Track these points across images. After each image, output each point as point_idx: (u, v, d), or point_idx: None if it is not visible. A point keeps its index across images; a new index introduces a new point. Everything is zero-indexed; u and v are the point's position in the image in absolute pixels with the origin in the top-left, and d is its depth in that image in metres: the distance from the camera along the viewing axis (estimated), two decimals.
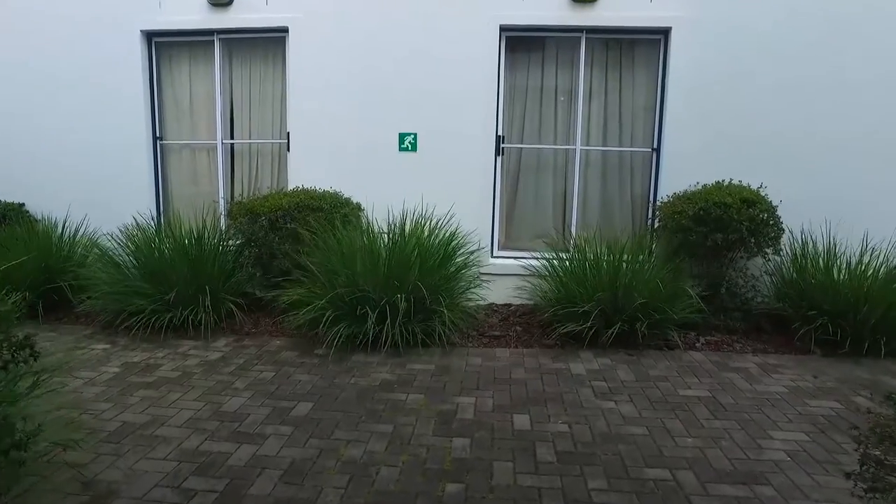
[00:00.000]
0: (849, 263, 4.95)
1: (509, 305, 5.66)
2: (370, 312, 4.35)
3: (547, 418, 3.42)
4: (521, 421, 3.38)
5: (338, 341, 4.35)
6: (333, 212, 5.31)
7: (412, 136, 5.80)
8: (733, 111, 5.51)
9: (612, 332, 4.47)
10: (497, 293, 5.74)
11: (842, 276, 4.89)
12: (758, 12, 5.38)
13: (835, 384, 4.11)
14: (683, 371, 4.23)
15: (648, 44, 5.68)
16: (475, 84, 5.61)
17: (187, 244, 5.11)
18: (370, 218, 5.64)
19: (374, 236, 4.95)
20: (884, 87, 5.42)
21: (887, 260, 4.92)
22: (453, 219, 5.56)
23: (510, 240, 6.08)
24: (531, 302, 5.44)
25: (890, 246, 5.30)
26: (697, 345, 4.79)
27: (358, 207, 5.77)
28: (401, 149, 5.82)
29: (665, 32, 5.54)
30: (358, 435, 3.18)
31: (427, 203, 5.71)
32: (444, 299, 4.56)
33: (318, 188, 5.70)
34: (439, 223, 5.35)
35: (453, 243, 5.12)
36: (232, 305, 5.02)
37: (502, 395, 3.76)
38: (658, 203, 5.52)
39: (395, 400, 3.64)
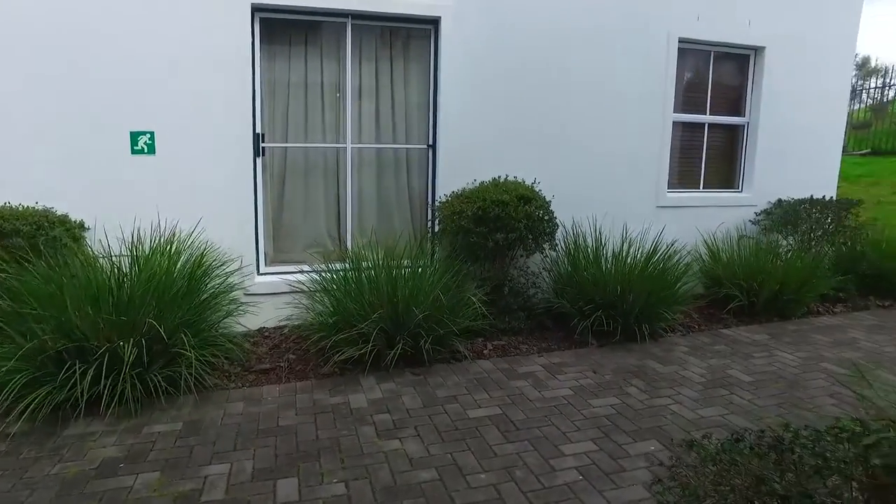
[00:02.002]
0: (615, 255, 5.17)
1: (282, 329, 4.91)
2: (85, 366, 3.30)
3: (319, 478, 2.81)
4: (287, 489, 2.72)
5: (39, 411, 3.21)
6: (38, 235, 4.03)
7: (148, 135, 4.70)
8: (506, 106, 5.44)
9: (395, 353, 4.01)
10: (267, 316, 4.96)
11: (609, 268, 5.09)
12: (525, 4, 5.35)
13: (611, 376, 4.16)
14: (472, 386, 3.94)
15: (420, 34, 5.34)
16: (226, 73, 4.71)
17: None
18: (95, 240, 4.44)
19: (95, 266, 3.84)
20: (634, 95, 5.81)
21: (641, 249, 5.23)
22: (205, 233, 4.63)
23: (280, 252, 5.31)
24: (306, 323, 4.76)
25: (642, 235, 5.71)
26: (485, 351, 4.58)
27: (79, 227, 4.50)
28: (134, 151, 4.68)
29: (435, 22, 5.24)
30: None
31: (171, 216, 4.67)
32: (192, 336, 3.67)
33: (19, 205, 4.31)
34: (187, 240, 4.40)
35: (204, 266, 4.22)
36: None
37: (266, 453, 3.04)
38: (437, 203, 5.23)
39: (118, 489, 2.71)
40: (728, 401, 3.78)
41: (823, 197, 6.68)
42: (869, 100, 16.85)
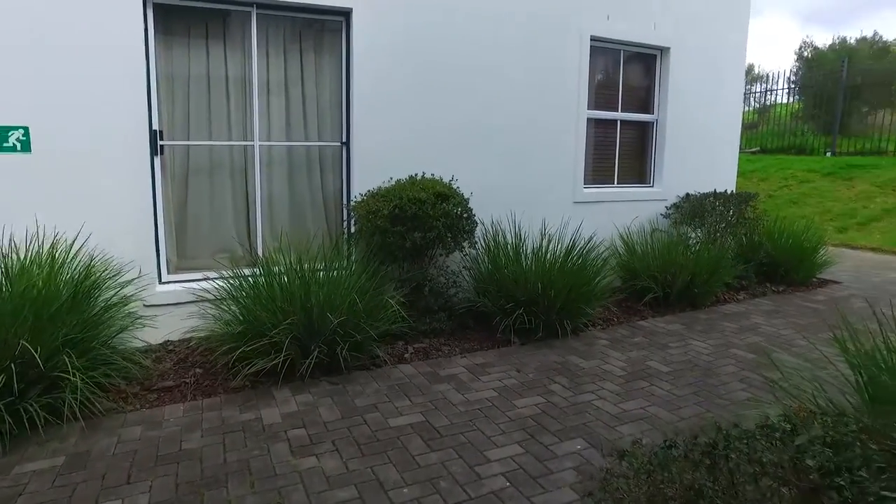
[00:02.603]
0: (534, 251, 5.15)
1: (188, 342, 4.53)
2: None
3: None
4: None
5: None
6: None
7: (21, 130, 4.18)
8: (423, 103, 5.30)
9: (310, 362, 3.77)
10: (172, 328, 4.56)
11: (529, 265, 5.06)
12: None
13: (535, 374, 4.12)
14: (394, 392, 3.77)
15: (331, 26, 5.09)
16: (115, 63, 4.26)
17: None
18: None
19: None
20: (531, 83, 5.83)
21: (560, 244, 5.25)
22: (96, 240, 4.18)
23: (185, 259, 4.90)
24: (215, 334, 4.40)
25: (561, 230, 5.75)
26: (406, 355, 4.42)
27: None
28: (3, 149, 4.15)
29: (346, 14, 5.01)
30: None
31: (55, 222, 4.18)
32: (78, 356, 3.27)
33: None
34: (72, 248, 3.96)
35: (93, 276, 3.80)
36: None
37: (165, 483, 2.74)
38: (352, 203, 5.01)
39: None
40: (649, 392, 3.83)
41: (725, 191, 7.03)
42: (755, 103, 18.18)
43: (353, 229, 5.04)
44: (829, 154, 14.38)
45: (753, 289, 6.63)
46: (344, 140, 5.22)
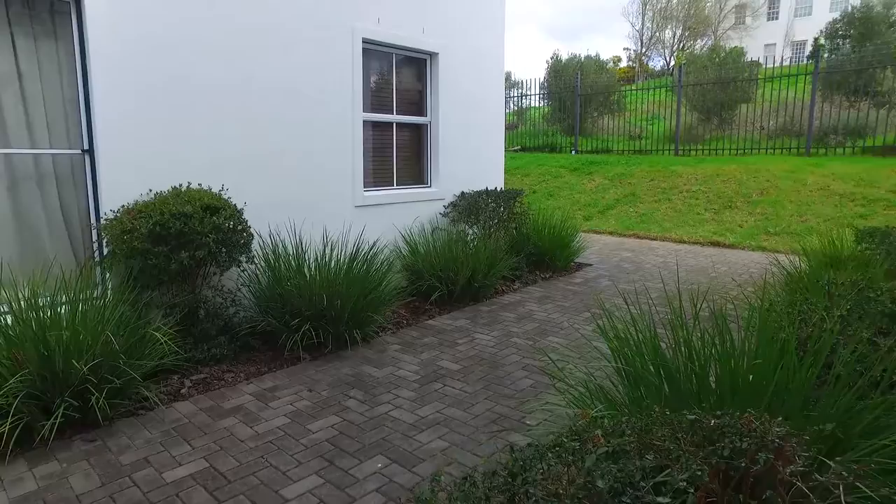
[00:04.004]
0: (317, 261, 4.95)
1: None
2: None
3: None
4: None
5: None
6: None
7: None
8: (184, 106, 4.67)
9: (54, 422, 3.09)
10: None
11: (313, 276, 4.84)
12: None
13: (329, 391, 3.95)
14: (169, 439, 3.28)
15: (60, 8, 4.23)
16: None
17: None
18: None
19: None
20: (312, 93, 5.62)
21: (344, 251, 5.13)
22: None
23: None
24: None
25: (344, 236, 5.63)
26: (183, 391, 3.91)
27: None
28: None
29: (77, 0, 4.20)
30: None
31: None
32: None
33: None
34: None
35: None
36: None
37: None
38: (102, 222, 4.27)
39: None
40: (443, 394, 3.91)
41: (496, 188, 7.59)
42: (514, 106, 20.28)
43: (105, 252, 4.29)
44: (573, 153, 16.53)
45: (526, 278, 7.27)
46: (86, 147, 4.40)
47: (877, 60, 13.80)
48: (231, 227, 4.32)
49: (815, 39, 20.60)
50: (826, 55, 16.22)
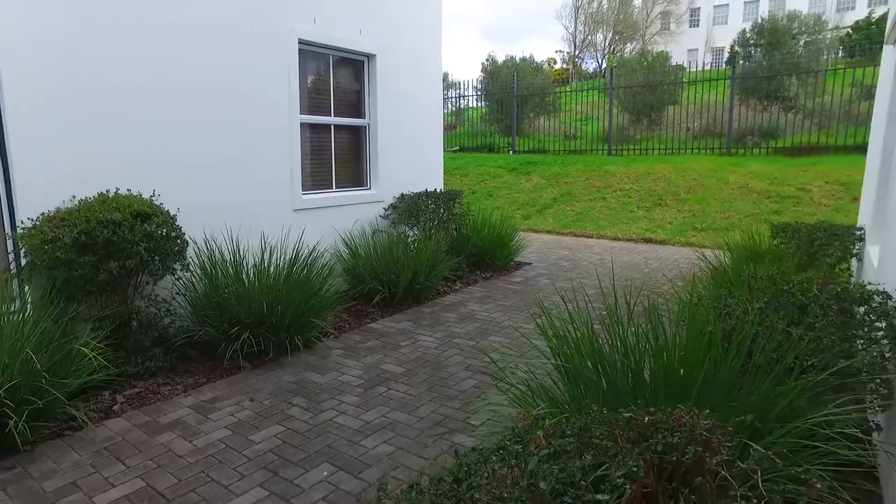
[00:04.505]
0: (256, 267, 4.84)
1: None
2: None
3: None
4: None
5: None
6: None
7: None
8: (109, 105, 4.43)
9: None
10: None
11: (252, 282, 4.74)
12: None
13: (271, 400, 3.88)
14: (101, 459, 3.14)
15: None
16: None
17: None
18: None
19: None
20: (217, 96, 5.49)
21: (284, 256, 5.04)
22: None
23: None
24: None
25: (283, 241, 5.53)
26: (116, 407, 3.74)
27: None
28: None
29: None
30: None
31: None
32: None
33: None
34: None
35: None
36: None
37: None
38: (20, 230, 4.02)
39: None
40: (387, 398, 3.92)
41: (436, 190, 7.63)
42: (452, 107, 20.42)
43: (24, 264, 4.04)
44: (511, 153, 16.82)
45: (467, 278, 7.36)
46: None
47: (784, 68, 14.80)
48: (164, 234, 4.16)
49: (732, 47, 21.83)
50: (741, 62, 17.22)
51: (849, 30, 22.62)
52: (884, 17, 18.01)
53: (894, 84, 4.65)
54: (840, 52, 18.97)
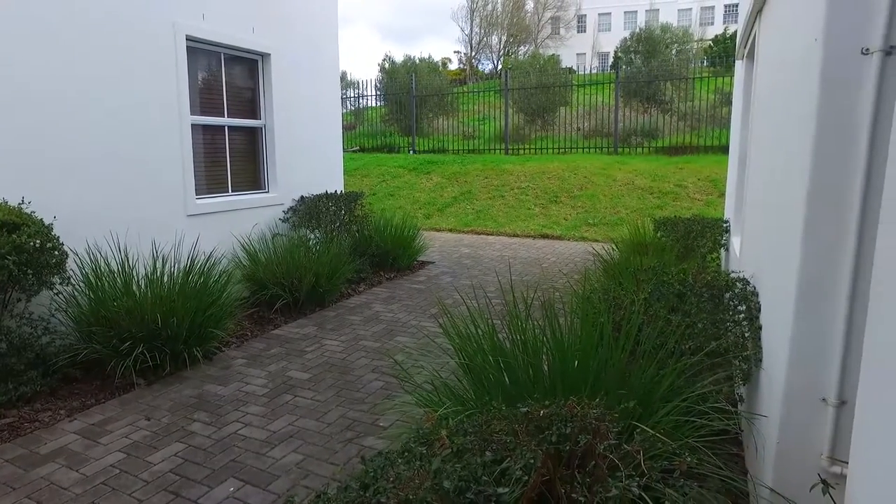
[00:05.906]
0: (147, 277, 4.57)
1: None
2: None
3: None
4: None
5: None
6: None
7: None
8: None
9: None
10: None
11: (144, 293, 4.47)
12: None
13: (170, 417, 3.70)
14: None
15: None
16: None
17: None
18: None
19: None
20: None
21: (178, 265, 4.81)
22: None
23: None
24: None
25: (177, 248, 5.26)
26: None
27: None
28: None
29: None
30: None
31: None
32: None
33: None
34: None
35: None
36: None
37: None
38: None
39: None
40: (294, 405, 3.85)
41: (336, 192, 7.56)
42: (351, 106, 20.21)
43: None
44: (411, 152, 16.92)
45: (371, 279, 7.35)
46: None
47: (660, 74, 16.05)
48: (37, 245, 3.83)
49: (615, 52, 23.28)
50: (624, 67, 18.44)
51: (710, 42, 24.83)
52: (735, 35, 19.99)
53: (744, 95, 5.21)
54: (704, 61, 20.80)
